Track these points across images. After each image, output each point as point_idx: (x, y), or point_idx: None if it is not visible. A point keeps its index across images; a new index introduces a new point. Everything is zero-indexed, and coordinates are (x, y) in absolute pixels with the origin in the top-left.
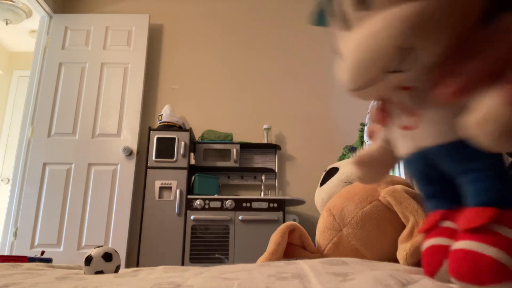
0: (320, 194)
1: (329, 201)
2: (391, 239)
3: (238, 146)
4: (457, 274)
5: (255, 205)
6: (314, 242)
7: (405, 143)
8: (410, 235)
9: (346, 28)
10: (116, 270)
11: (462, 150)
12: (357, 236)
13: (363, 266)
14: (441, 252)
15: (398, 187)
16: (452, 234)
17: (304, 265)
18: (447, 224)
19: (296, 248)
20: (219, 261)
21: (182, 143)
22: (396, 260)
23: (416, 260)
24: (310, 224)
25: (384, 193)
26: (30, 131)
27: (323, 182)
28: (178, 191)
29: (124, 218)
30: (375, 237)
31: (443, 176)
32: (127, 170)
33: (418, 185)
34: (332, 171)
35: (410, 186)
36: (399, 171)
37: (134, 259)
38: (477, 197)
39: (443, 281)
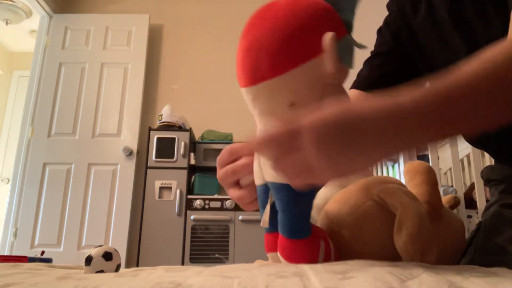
0: (316, 201)
1: (325, 206)
2: (390, 237)
3: None
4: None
5: None
6: None
7: (257, 178)
8: (399, 224)
9: None
10: (117, 269)
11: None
12: (355, 237)
13: (362, 264)
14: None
15: (391, 185)
16: None
17: (303, 264)
18: None
19: None
20: (219, 261)
21: (182, 143)
22: (397, 258)
23: (418, 245)
24: None
25: (377, 191)
26: (30, 131)
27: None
28: (178, 191)
29: (124, 218)
30: (373, 236)
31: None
32: (127, 170)
33: (260, 209)
34: None
35: (403, 185)
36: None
37: (134, 259)
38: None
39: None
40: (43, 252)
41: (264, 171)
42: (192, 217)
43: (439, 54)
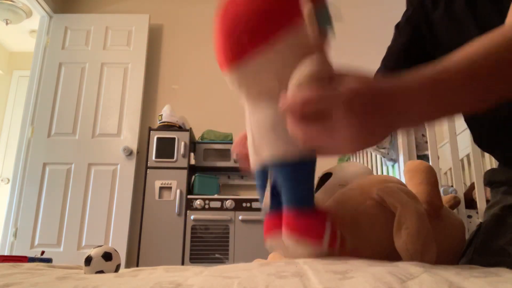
0: (315, 201)
1: (325, 205)
2: (389, 237)
3: None
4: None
5: (255, 205)
6: None
7: (253, 163)
8: (399, 223)
9: None
10: (117, 269)
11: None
12: (354, 236)
13: (362, 264)
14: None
15: (391, 184)
16: None
17: (304, 264)
18: None
19: None
20: (219, 261)
21: (182, 143)
22: (397, 257)
23: (418, 245)
24: None
25: (377, 190)
26: (30, 131)
27: (317, 188)
28: (178, 191)
29: (124, 218)
30: (373, 235)
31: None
32: (127, 170)
33: (259, 193)
34: (326, 177)
35: (403, 185)
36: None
37: (134, 259)
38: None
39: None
40: (43, 252)
41: (260, 153)
42: (192, 217)
43: (456, 47)
